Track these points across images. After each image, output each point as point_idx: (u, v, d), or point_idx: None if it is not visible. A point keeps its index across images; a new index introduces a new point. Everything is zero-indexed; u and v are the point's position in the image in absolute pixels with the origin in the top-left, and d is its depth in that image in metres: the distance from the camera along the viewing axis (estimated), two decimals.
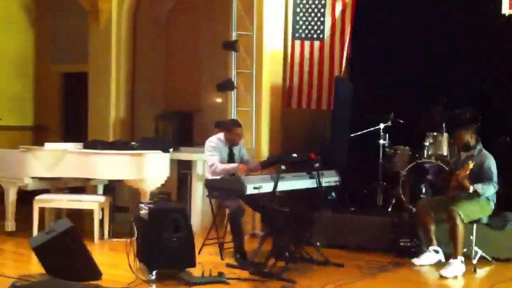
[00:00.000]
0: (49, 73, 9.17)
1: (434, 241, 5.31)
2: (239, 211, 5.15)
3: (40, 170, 6.16)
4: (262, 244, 5.07)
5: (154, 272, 4.47)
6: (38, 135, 8.99)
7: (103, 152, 6.16)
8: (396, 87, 7.19)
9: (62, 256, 4.39)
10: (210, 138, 5.40)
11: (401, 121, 6.40)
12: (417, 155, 6.17)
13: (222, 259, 5.29)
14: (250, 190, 4.54)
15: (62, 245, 4.38)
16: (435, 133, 6.10)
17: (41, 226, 6.17)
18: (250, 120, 6.67)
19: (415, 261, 5.24)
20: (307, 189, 5.13)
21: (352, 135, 6.51)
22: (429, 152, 6.07)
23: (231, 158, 5.40)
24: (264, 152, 6.76)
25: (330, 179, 5.32)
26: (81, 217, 6.64)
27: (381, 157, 6.33)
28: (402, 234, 5.60)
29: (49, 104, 9.20)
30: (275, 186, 4.70)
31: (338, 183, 5.39)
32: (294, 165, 5.25)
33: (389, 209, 6.14)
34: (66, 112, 9.24)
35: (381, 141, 6.38)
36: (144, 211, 4.66)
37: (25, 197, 6.29)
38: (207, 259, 5.11)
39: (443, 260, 5.17)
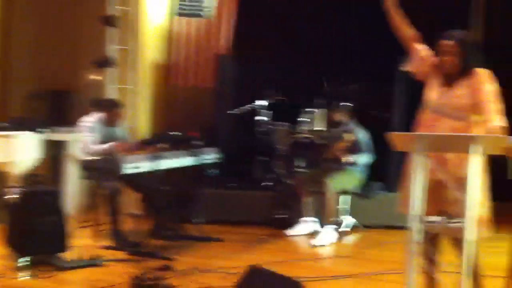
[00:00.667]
0: None
1: (309, 212, 5.55)
2: (117, 192, 5.04)
3: None
4: (140, 224, 5.02)
5: (24, 259, 4.25)
6: None
7: None
8: (279, 65, 7.37)
9: None
10: (87, 118, 5.20)
11: (281, 98, 6.55)
12: (295, 131, 6.36)
13: (99, 241, 5.16)
14: (128, 169, 4.44)
15: None
16: (312, 109, 6.31)
17: None
18: (130, 98, 6.52)
19: (290, 231, 5.47)
20: (187, 167, 5.13)
21: (233, 111, 6.57)
22: (306, 128, 6.28)
23: (110, 139, 5.24)
24: (145, 130, 6.65)
25: (211, 156, 5.35)
26: None
27: (260, 133, 6.46)
28: (279, 207, 5.79)
29: None
30: (155, 165, 4.64)
31: (219, 160, 5.44)
32: (175, 143, 5.22)
33: (268, 184, 6.30)
34: None
35: (261, 118, 6.51)
36: (13, 195, 4.41)
37: None
38: (85, 242, 4.97)
39: (317, 229, 5.42)
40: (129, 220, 5.15)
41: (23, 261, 4.25)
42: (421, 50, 3.28)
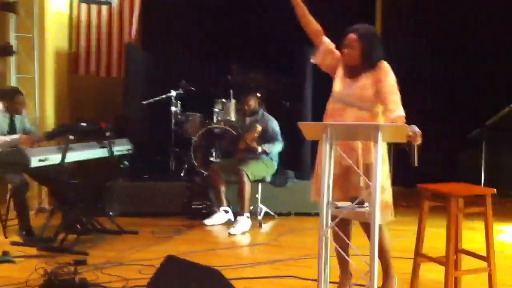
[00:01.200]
0: None
1: (224, 202, 5.61)
2: (23, 186, 4.83)
3: None
4: (51, 218, 4.87)
5: None
6: None
7: None
8: (189, 55, 7.35)
9: None
10: None
11: (193, 88, 6.54)
12: (207, 121, 6.38)
13: (6, 237, 4.93)
14: (35, 162, 4.25)
15: None
16: (223, 99, 6.36)
17: None
18: (33, 88, 6.23)
19: (207, 221, 5.50)
20: (98, 159, 5.01)
21: (143, 102, 6.48)
22: (219, 118, 6.32)
23: (12, 130, 5.00)
24: (50, 121, 6.39)
25: (122, 147, 5.25)
26: None
27: (173, 124, 6.42)
28: (195, 197, 5.81)
29: None
30: (63, 157, 4.49)
31: (130, 151, 5.35)
32: (84, 134, 5.07)
33: (182, 174, 6.28)
34: None
35: (173, 108, 6.46)
36: None
37: None
38: None
39: (233, 219, 5.49)
40: (39, 215, 4.96)
41: None
42: (327, 43, 3.41)
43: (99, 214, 5.18)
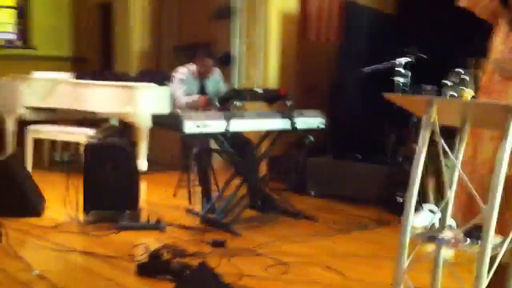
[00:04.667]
0: (85, 3, 8.97)
1: (431, 198, 4.47)
2: (205, 151, 4.60)
3: (32, 99, 6.02)
4: (237, 191, 4.47)
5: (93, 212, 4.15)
6: (78, 67, 8.91)
7: (93, 83, 5.86)
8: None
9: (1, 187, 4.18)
10: (179, 69, 4.82)
11: (425, 56, 5.37)
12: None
13: (190, 203, 4.84)
14: (190, 128, 3.94)
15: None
16: (460, 70, 5.03)
17: (37, 159, 6.13)
18: (258, 52, 5.99)
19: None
20: (281, 131, 4.46)
21: (362, 70, 5.60)
22: (453, 92, 5.04)
23: (202, 92, 4.81)
24: (273, 86, 6.07)
25: (311, 120, 4.57)
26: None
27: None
28: (399, 187, 4.77)
29: (87, 35, 9.05)
30: (227, 125, 4.06)
31: (321, 126, 4.62)
32: (269, 101, 4.60)
33: (400, 160, 5.26)
34: (104, 44, 9.04)
35: (399, 79, 5.42)
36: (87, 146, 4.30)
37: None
38: (176, 203, 4.82)
39: (438, 224, 4.30)
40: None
41: (91, 214, 4.17)
42: None
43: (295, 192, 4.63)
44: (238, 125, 4.13)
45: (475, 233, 1.98)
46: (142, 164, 5.81)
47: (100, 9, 8.88)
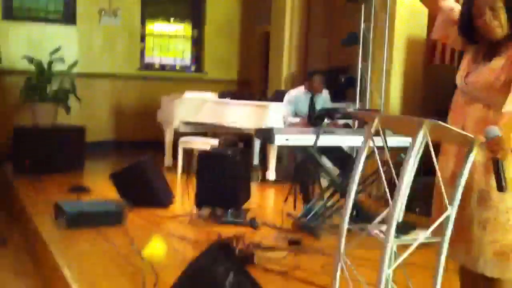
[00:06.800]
0: (252, 33, 10.07)
1: None
2: (305, 161, 5.11)
3: (185, 115, 7.13)
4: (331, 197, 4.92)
5: (199, 208, 4.95)
6: (243, 88, 10.04)
7: (231, 102, 6.76)
8: None
9: (136, 183, 5.20)
10: (290, 91, 5.46)
11: None
12: None
13: (294, 208, 5.37)
14: (279, 140, 4.54)
15: (135, 173, 5.20)
16: None
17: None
18: (380, 76, 6.34)
19: None
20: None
21: None
22: None
23: (311, 108, 5.38)
24: (394, 109, 6.35)
25: (405, 139, 4.82)
26: None
27: None
28: None
29: (251, 61, 10.13)
30: (316, 140, 4.56)
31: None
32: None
33: None
34: (265, 68, 10.03)
35: None
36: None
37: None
38: (283, 208, 5.23)
39: None
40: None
41: (200, 209, 4.97)
42: (448, 9, 2.38)
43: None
44: (327, 140, 4.62)
45: (404, 229, 2.26)
46: (271, 174, 6.52)
47: (263, 37, 9.93)
